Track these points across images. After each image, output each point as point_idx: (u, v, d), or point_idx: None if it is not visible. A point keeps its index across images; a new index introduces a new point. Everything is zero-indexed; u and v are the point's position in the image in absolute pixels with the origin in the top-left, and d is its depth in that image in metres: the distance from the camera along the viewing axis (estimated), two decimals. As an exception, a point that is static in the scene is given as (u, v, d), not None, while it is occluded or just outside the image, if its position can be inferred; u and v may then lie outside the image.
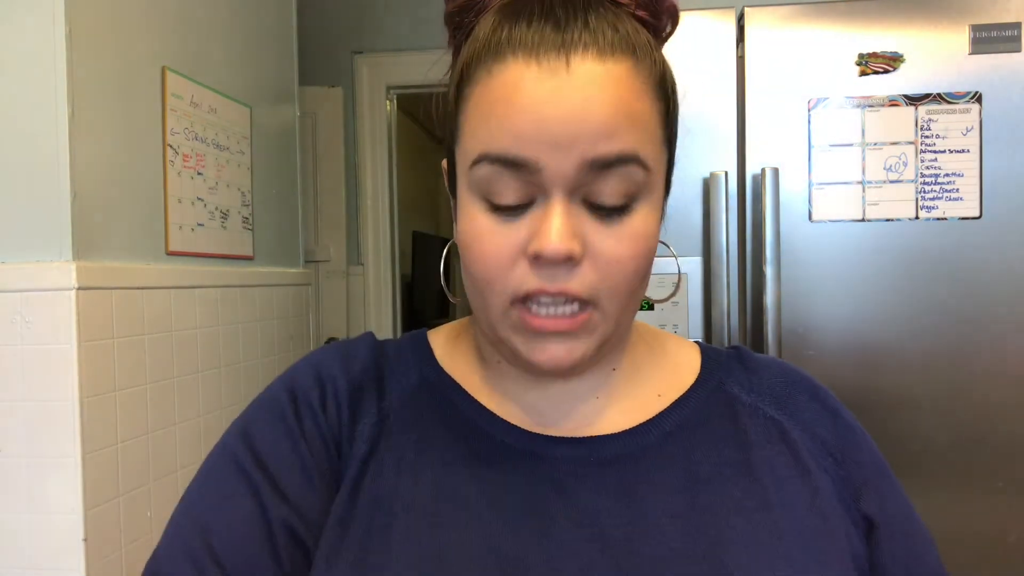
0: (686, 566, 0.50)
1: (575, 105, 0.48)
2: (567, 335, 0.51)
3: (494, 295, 0.52)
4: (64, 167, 1.22)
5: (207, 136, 1.66)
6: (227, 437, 0.57)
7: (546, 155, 0.48)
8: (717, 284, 1.76)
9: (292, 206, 2.16)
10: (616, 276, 0.51)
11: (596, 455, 0.55)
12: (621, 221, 0.51)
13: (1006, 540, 1.68)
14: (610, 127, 0.48)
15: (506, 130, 0.49)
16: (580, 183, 0.49)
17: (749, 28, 1.77)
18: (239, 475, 0.54)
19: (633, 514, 0.52)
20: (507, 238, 0.50)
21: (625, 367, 0.60)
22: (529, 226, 0.50)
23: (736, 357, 0.63)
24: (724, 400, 0.59)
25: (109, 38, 1.34)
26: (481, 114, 0.51)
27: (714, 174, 1.75)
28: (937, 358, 1.72)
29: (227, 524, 0.52)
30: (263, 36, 1.97)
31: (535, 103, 0.48)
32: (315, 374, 0.59)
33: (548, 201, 0.49)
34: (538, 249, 0.49)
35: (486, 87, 0.51)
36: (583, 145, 0.48)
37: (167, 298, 1.47)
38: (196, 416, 1.57)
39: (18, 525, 1.21)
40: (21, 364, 1.21)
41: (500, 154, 0.49)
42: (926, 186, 1.71)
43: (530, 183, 0.49)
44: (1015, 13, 1.69)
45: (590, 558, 0.50)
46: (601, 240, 0.50)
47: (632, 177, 0.50)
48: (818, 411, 0.60)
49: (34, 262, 1.22)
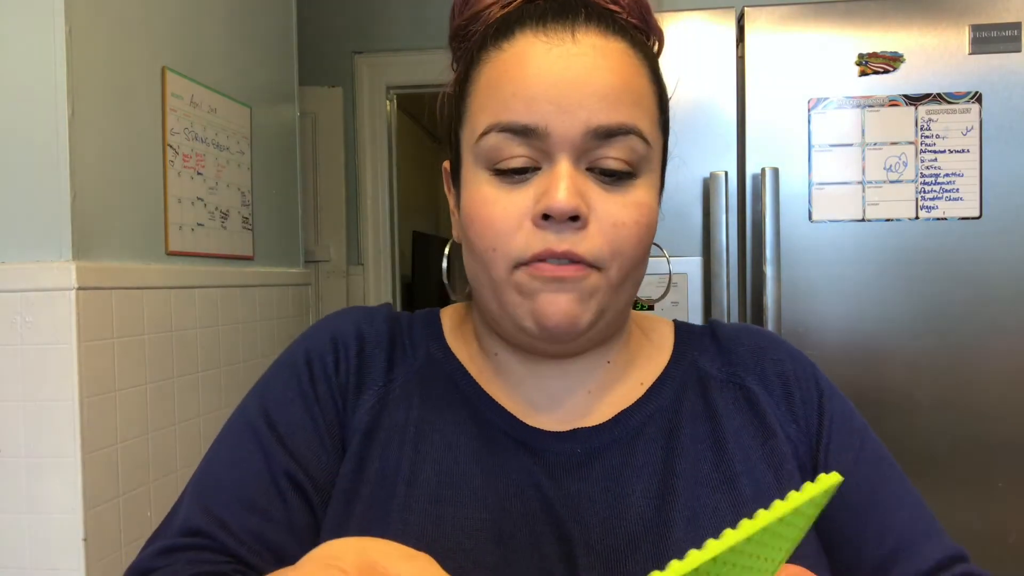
0: (657, 542, 0.53)
1: (581, 70, 0.51)
2: (573, 287, 0.52)
3: (498, 260, 0.53)
4: (64, 167, 1.22)
5: (207, 136, 1.66)
6: (247, 399, 0.60)
7: (553, 120, 0.51)
8: (717, 284, 1.76)
9: (292, 206, 2.16)
10: (620, 240, 0.52)
11: (584, 446, 0.57)
12: (625, 189, 0.53)
13: (1006, 540, 1.68)
14: (613, 94, 0.52)
15: (517, 97, 0.52)
16: (585, 149, 0.51)
17: (749, 28, 1.77)
18: (255, 441, 0.57)
19: (615, 497, 0.55)
20: (513, 203, 0.52)
21: (619, 361, 0.61)
22: (535, 190, 0.52)
23: (709, 334, 0.65)
24: (696, 377, 0.61)
25: (109, 38, 1.34)
26: (491, 88, 0.54)
27: (714, 174, 1.75)
28: (937, 358, 1.72)
29: (240, 483, 0.55)
30: (263, 36, 1.97)
31: (543, 69, 0.52)
32: (330, 338, 0.61)
33: (554, 165, 0.52)
34: (546, 205, 0.50)
35: (496, 61, 0.54)
36: (587, 111, 0.51)
37: (167, 298, 1.47)
38: (196, 416, 1.57)
39: (18, 525, 1.21)
40: (21, 364, 1.21)
41: (509, 122, 0.52)
42: (926, 186, 1.71)
43: (537, 149, 0.52)
44: (1015, 13, 1.69)
45: (571, 538, 0.53)
46: (606, 205, 0.52)
47: (633, 148, 0.52)
48: (785, 377, 0.61)
49: (34, 262, 1.22)
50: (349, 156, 2.82)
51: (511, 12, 0.56)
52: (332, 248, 2.82)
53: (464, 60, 0.59)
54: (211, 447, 0.59)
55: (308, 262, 2.54)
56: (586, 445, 0.57)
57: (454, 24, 0.61)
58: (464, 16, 0.59)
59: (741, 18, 1.79)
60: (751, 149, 1.78)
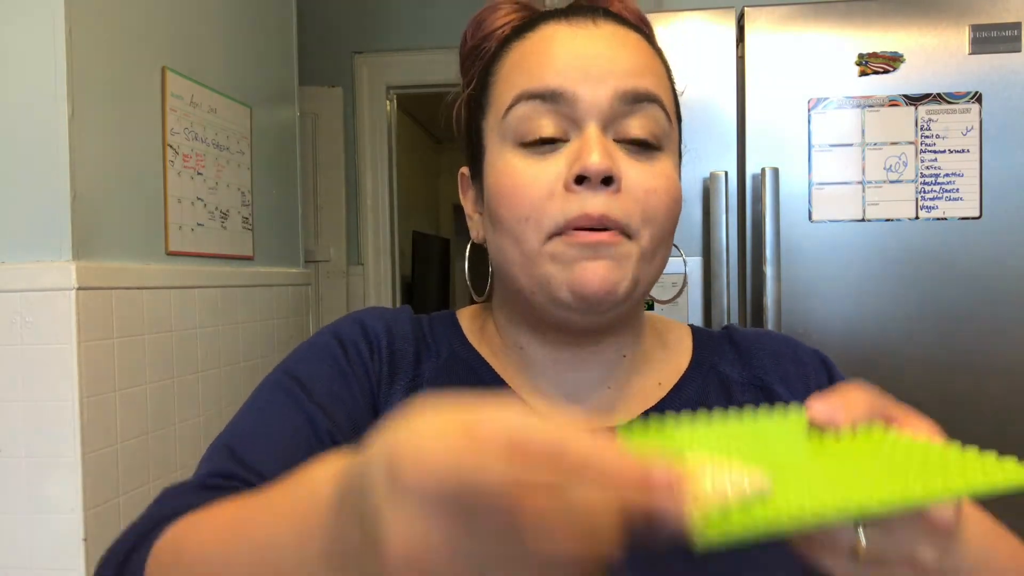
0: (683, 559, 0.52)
1: (605, 47, 0.54)
2: (608, 252, 0.52)
3: (531, 231, 0.53)
4: (64, 167, 1.22)
5: (207, 136, 1.66)
6: (271, 375, 0.58)
7: (581, 86, 0.53)
8: (717, 284, 1.76)
9: (292, 206, 2.15)
10: (652, 206, 0.53)
11: None
12: (652, 159, 0.54)
13: (1006, 540, 1.68)
14: (638, 66, 0.54)
15: (545, 67, 0.54)
16: (612, 116, 0.53)
17: (749, 28, 1.77)
18: (286, 398, 0.54)
19: None
20: (544, 172, 0.53)
21: (636, 357, 0.61)
22: (566, 158, 0.53)
23: (727, 338, 0.65)
24: (718, 381, 0.61)
25: (109, 38, 1.34)
26: (517, 67, 0.56)
27: (714, 174, 1.75)
28: (937, 358, 1.72)
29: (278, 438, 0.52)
30: (263, 36, 1.97)
31: (571, 45, 0.54)
32: (360, 329, 0.60)
33: (583, 132, 0.53)
34: (582, 167, 0.51)
35: (520, 48, 0.56)
36: (615, 78, 0.53)
37: (167, 298, 1.47)
38: (196, 416, 1.57)
39: (18, 525, 1.21)
40: (21, 364, 1.21)
41: (539, 88, 0.53)
42: (926, 186, 1.71)
43: (565, 117, 0.53)
44: (1015, 13, 1.69)
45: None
46: (636, 172, 0.53)
47: (657, 120, 0.54)
48: (807, 378, 0.62)
49: (34, 262, 1.22)
50: (349, 156, 2.82)
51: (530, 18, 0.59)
52: (332, 248, 2.82)
53: (483, 66, 0.61)
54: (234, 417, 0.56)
55: (308, 262, 2.54)
56: None
57: (466, 47, 0.63)
58: (476, 38, 0.62)
59: (741, 18, 1.79)
60: (751, 149, 1.78)
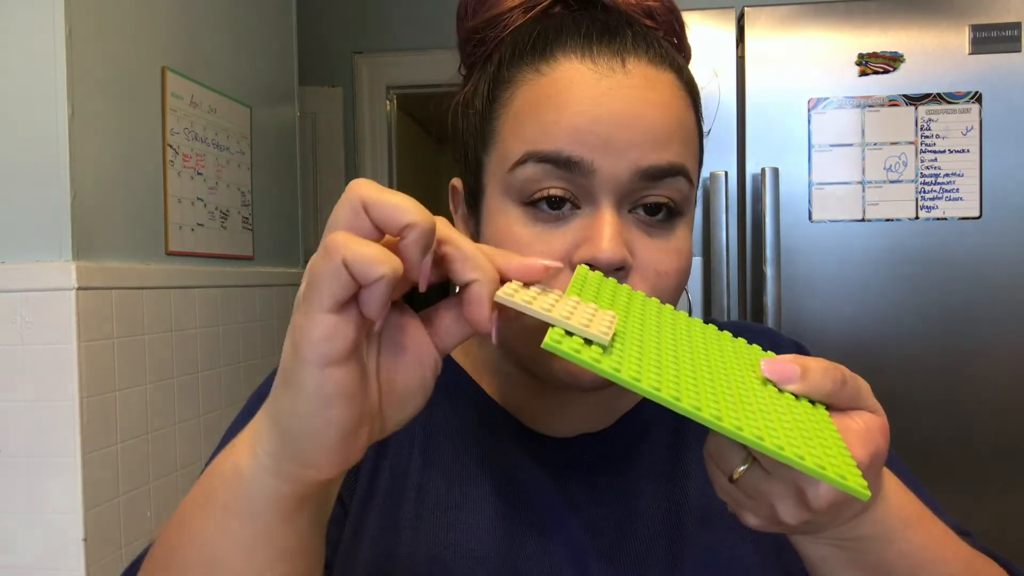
0: (670, 545, 0.53)
1: (633, 105, 0.47)
2: None
3: None
4: (64, 167, 1.22)
5: (207, 136, 1.66)
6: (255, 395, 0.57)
7: (600, 157, 0.47)
8: (717, 284, 1.76)
9: (292, 206, 2.16)
10: (662, 288, 0.49)
11: (591, 452, 0.56)
12: (666, 234, 0.50)
13: (1006, 540, 1.68)
14: (665, 133, 0.48)
15: (561, 126, 0.47)
16: (630, 190, 0.48)
17: (749, 28, 1.77)
18: None
19: (624, 502, 0.54)
20: (549, 245, 0.48)
21: None
22: (574, 234, 0.48)
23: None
24: None
25: (109, 38, 1.34)
26: (528, 113, 0.49)
27: (714, 174, 1.75)
28: (937, 358, 1.72)
29: None
30: (263, 36, 1.97)
31: (592, 100, 0.47)
32: None
33: (597, 208, 0.48)
34: (591, 255, 0.46)
35: (535, 85, 0.49)
36: (638, 151, 0.47)
37: (167, 298, 1.47)
38: (196, 416, 1.57)
39: (18, 525, 1.21)
40: (21, 364, 1.21)
41: (552, 152, 0.47)
42: (926, 186, 1.71)
43: (579, 186, 0.47)
44: (1015, 13, 1.69)
45: (581, 545, 0.53)
46: (649, 252, 0.49)
47: (680, 189, 0.49)
48: None
49: (34, 262, 1.22)
50: (349, 156, 2.82)
51: (547, 27, 0.51)
52: (332, 248, 2.82)
53: (489, 76, 0.53)
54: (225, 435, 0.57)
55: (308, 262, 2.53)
56: (593, 450, 0.56)
57: (466, 25, 0.56)
58: (480, 19, 0.55)
59: (741, 18, 1.79)
60: (751, 149, 1.78)
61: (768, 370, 0.38)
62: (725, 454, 0.38)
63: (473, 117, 0.54)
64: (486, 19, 0.54)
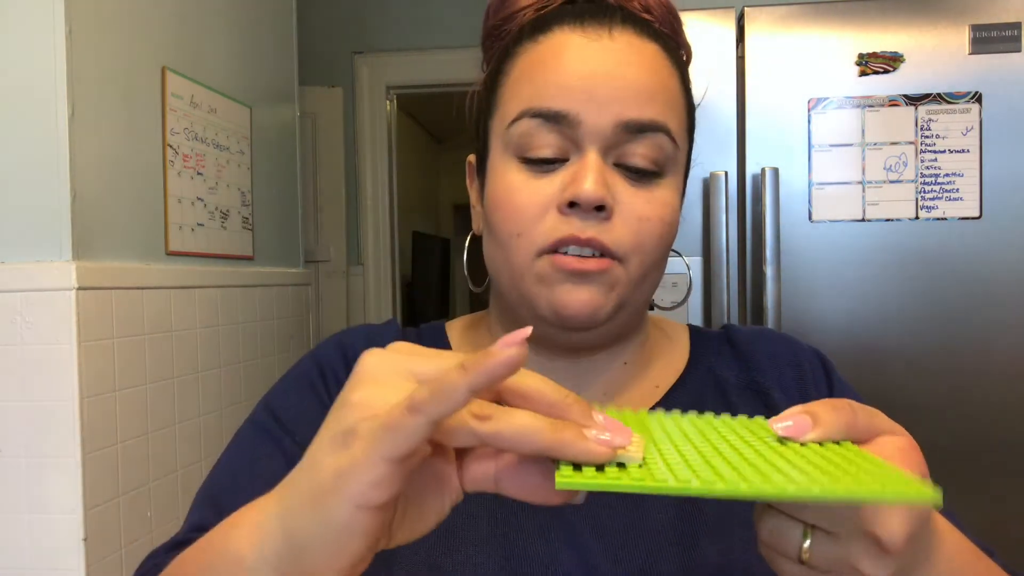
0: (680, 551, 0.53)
1: (617, 64, 0.52)
2: (593, 280, 0.52)
3: (522, 247, 0.53)
4: (64, 167, 1.22)
5: (207, 136, 1.66)
6: (254, 413, 0.60)
7: (585, 110, 0.51)
8: (717, 284, 1.76)
9: (292, 206, 2.16)
10: (644, 234, 0.52)
11: None
12: (650, 186, 0.53)
13: (1006, 540, 1.68)
14: (647, 91, 0.52)
15: (551, 83, 0.52)
16: (614, 142, 0.52)
17: (749, 28, 1.77)
18: (268, 440, 0.56)
19: (634, 505, 0.54)
20: (539, 191, 0.52)
21: (637, 362, 0.61)
22: (562, 180, 0.52)
23: (725, 339, 0.64)
24: (714, 383, 0.61)
25: (109, 38, 1.34)
26: (525, 76, 0.54)
27: (714, 174, 1.75)
28: (937, 358, 1.72)
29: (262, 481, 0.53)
30: (263, 36, 1.97)
31: (580, 60, 0.52)
32: (341, 352, 0.61)
33: (583, 155, 0.52)
34: (574, 193, 0.50)
35: (531, 53, 0.55)
36: (621, 104, 0.51)
37: (167, 298, 1.47)
38: (196, 416, 1.57)
39: (18, 525, 1.21)
40: (21, 364, 1.21)
41: (542, 108, 0.52)
42: (926, 186, 1.71)
43: (567, 138, 0.52)
44: (1015, 13, 1.69)
45: (589, 548, 0.52)
46: (631, 199, 0.52)
47: (661, 147, 0.53)
48: (804, 380, 0.61)
49: (34, 262, 1.22)
50: (349, 156, 2.82)
51: (548, 12, 0.57)
52: (332, 248, 2.82)
53: (496, 56, 0.59)
54: (219, 459, 0.58)
55: (308, 262, 2.54)
56: None
57: (488, 24, 0.61)
58: (499, 16, 0.60)
59: (741, 18, 1.79)
60: (751, 149, 1.78)
61: (781, 429, 0.37)
62: (783, 534, 0.37)
63: (483, 94, 0.60)
64: (503, 16, 0.60)
